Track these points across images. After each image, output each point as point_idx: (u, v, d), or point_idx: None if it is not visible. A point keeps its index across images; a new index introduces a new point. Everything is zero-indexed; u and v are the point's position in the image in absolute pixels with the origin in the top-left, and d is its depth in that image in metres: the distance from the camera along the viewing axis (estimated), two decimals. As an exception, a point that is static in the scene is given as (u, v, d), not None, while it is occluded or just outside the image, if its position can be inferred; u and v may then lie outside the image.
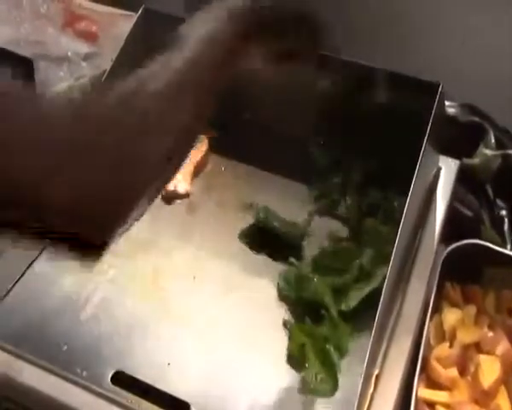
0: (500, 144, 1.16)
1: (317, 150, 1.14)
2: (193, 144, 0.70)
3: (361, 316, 0.94)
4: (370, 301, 0.93)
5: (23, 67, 1.18)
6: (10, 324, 0.94)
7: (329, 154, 1.14)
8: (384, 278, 0.86)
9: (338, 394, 0.88)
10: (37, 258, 1.01)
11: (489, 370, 0.90)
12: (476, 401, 0.90)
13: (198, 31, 0.73)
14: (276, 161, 1.13)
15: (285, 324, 0.96)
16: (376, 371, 0.88)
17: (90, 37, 1.34)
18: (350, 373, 0.89)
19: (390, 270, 0.86)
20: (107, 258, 1.02)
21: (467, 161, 1.14)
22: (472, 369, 0.92)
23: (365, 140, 1.12)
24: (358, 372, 0.83)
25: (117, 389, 0.88)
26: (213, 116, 1.16)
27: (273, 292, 1.00)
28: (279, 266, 1.02)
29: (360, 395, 0.82)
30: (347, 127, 1.12)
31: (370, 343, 0.83)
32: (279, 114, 1.15)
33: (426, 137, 0.93)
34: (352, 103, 1.08)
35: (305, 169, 1.13)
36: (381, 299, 0.85)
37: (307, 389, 0.88)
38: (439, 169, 1.10)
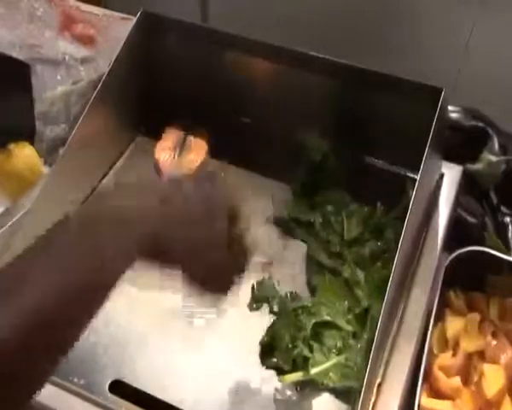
0: (504, 150, 1.15)
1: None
2: None
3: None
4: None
5: (20, 70, 1.17)
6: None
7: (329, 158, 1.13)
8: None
9: (340, 403, 0.87)
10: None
11: (493, 379, 0.89)
12: (480, 411, 0.89)
13: None
14: (277, 166, 1.12)
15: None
16: (378, 380, 0.87)
17: (87, 40, 1.33)
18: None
19: (392, 277, 0.85)
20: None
21: (470, 166, 1.14)
22: (475, 378, 0.91)
23: (367, 145, 1.12)
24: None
25: (115, 397, 0.87)
26: (213, 121, 1.17)
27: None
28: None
29: (362, 404, 0.81)
30: (348, 131, 1.11)
31: (372, 352, 0.82)
32: (279, 118, 1.15)
33: (428, 143, 0.92)
34: (354, 108, 1.08)
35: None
36: (383, 306, 0.84)
37: None
38: (442, 175, 1.09)
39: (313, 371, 0.89)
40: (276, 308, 0.97)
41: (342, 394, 0.88)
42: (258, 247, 1.05)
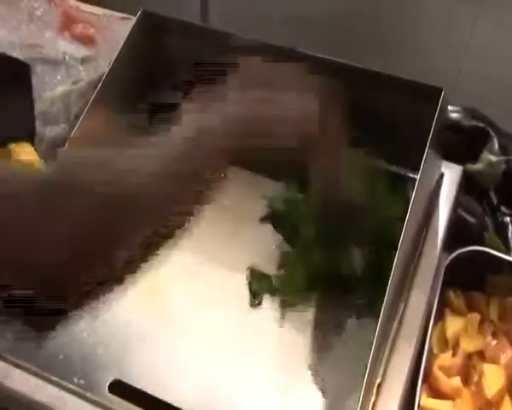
0: (504, 150, 1.15)
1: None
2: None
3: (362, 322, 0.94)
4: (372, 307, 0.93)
5: (20, 70, 1.17)
6: (7, 332, 0.92)
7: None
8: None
9: (340, 403, 0.87)
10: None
11: (493, 379, 0.89)
12: (480, 411, 0.89)
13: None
14: (276, 166, 1.12)
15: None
16: (378, 380, 0.87)
17: (87, 40, 1.33)
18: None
19: (392, 277, 0.85)
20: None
21: (470, 166, 1.14)
22: (475, 378, 0.91)
23: (366, 145, 1.12)
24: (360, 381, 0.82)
25: (114, 397, 0.87)
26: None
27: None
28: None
29: (362, 404, 0.81)
30: (347, 132, 1.11)
31: (372, 352, 0.82)
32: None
33: (428, 143, 0.92)
34: (353, 108, 1.08)
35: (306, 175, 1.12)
36: (383, 306, 0.84)
37: None
38: (441, 175, 1.09)
39: None
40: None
41: (342, 393, 0.88)
42: (255, 246, 1.05)
